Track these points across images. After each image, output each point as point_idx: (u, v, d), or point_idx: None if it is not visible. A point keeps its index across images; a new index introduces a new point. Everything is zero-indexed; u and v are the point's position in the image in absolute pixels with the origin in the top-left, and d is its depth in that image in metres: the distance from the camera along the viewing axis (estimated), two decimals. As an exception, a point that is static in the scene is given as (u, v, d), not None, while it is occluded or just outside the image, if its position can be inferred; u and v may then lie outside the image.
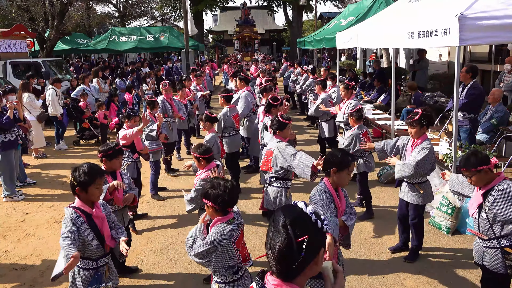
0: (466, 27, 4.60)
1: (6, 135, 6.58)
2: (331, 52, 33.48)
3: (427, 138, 4.31)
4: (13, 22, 17.07)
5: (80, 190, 2.99)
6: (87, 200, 3.05)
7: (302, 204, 1.52)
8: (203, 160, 4.04)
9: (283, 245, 1.41)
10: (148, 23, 41.46)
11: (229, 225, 2.78)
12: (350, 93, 6.96)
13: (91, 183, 2.99)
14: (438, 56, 12.78)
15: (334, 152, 3.26)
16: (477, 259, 3.41)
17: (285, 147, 4.20)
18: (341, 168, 3.15)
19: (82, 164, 3.10)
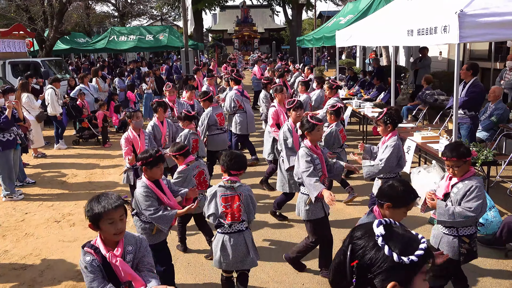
0: (466, 24, 4.59)
1: (4, 134, 6.57)
2: (331, 50, 33.49)
3: (395, 136, 4.36)
4: (12, 21, 17.06)
5: (93, 226, 2.43)
6: (106, 238, 2.47)
7: (377, 222, 1.26)
8: (179, 156, 4.40)
9: (335, 265, 1.26)
10: (148, 22, 41.47)
11: (225, 183, 3.52)
12: (334, 93, 7.18)
13: (100, 216, 2.38)
14: (438, 53, 12.75)
15: (394, 184, 2.73)
16: (434, 243, 3.50)
17: (300, 157, 4.04)
18: (398, 206, 2.69)
19: (101, 193, 2.52)
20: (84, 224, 5.72)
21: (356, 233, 1.26)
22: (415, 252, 1.18)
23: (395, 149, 4.27)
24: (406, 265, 1.16)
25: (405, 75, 13.91)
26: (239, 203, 3.46)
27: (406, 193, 2.69)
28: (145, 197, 3.54)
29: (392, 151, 4.25)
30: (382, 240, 1.19)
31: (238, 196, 3.47)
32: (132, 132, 5.43)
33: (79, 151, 9.86)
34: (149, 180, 3.61)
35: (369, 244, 1.20)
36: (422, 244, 1.21)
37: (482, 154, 5.30)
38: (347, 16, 12.94)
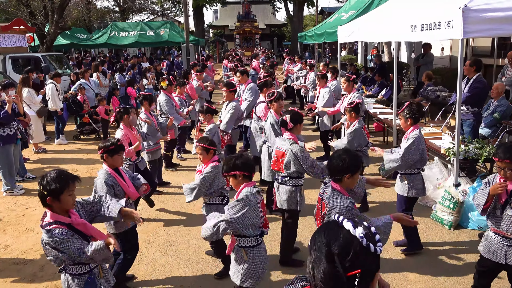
0: (470, 19, 4.54)
1: (5, 129, 6.55)
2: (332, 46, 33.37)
3: (416, 129, 4.32)
4: (13, 16, 17.01)
5: (52, 199, 2.70)
6: (61, 210, 2.77)
7: (350, 224, 1.25)
8: (212, 151, 4.07)
9: (330, 279, 1.20)
10: (149, 18, 41.37)
11: (255, 188, 3.16)
12: (351, 86, 6.89)
13: (63, 190, 2.69)
14: (440, 49, 12.69)
15: (341, 157, 2.92)
16: (499, 259, 3.19)
17: (301, 153, 4.08)
18: (355, 171, 2.93)
19: (49, 171, 2.80)
20: (85, 219, 5.70)
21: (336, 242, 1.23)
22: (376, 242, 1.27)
23: (415, 141, 4.19)
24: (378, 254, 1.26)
25: (407, 71, 13.86)
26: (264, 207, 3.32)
27: (355, 159, 2.95)
28: (103, 183, 3.71)
29: (413, 142, 4.18)
30: (366, 240, 1.23)
31: (263, 200, 3.32)
32: (126, 128, 5.46)
33: (79, 146, 9.85)
34: (110, 168, 3.84)
35: (357, 248, 1.21)
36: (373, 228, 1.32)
37: (485, 151, 5.27)
38: (349, 12, 12.85)
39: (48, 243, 2.70)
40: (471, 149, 5.37)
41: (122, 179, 3.87)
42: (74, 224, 2.81)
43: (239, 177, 3.13)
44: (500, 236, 3.19)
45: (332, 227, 1.27)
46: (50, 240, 2.67)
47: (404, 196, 4.42)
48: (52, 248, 2.71)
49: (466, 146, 5.41)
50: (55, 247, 2.69)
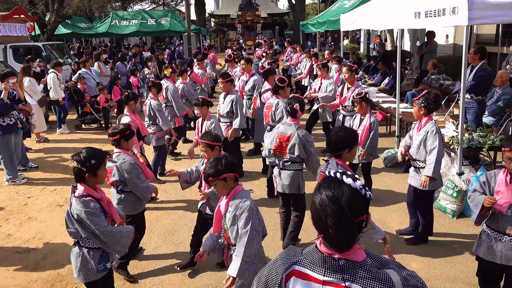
0: (475, 5, 4.46)
1: (4, 119, 6.52)
2: (335, 35, 33.13)
3: (432, 120, 4.20)
4: (13, 5, 16.89)
5: (90, 175, 2.89)
6: (93, 184, 2.97)
7: (350, 180, 1.46)
8: (218, 147, 3.77)
9: (342, 227, 1.42)
10: (150, 7, 41.09)
11: (246, 190, 2.98)
12: (353, 76, 6.69)
13: (100, 165, 2.93)
14: (445, 37, 12.57)
15: (338, 134, 3.23)
16: (505, 261, 3.01)
17: (308, 137, 4.22)
18: (352, 145, 3.22)
19: (82, 149, 2.95)
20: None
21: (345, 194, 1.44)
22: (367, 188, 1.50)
23: (440, 135, 4.07)
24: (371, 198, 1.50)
25: (410, 60, 13.75)
26: None
27: (352, 133, 3.27)
28: (134, 165, 3.91)
29: (439, 137, 4.05)
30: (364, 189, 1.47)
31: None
32: (131, 114, 5.56)
33: (81, 135, 9.84)
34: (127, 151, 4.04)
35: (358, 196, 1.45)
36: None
37: (488, 139, 5.23)
38: (352, 0, 12.72)
39: (78, 214, 2.84)
40: (475, 137, 5.33)
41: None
42: (101, 200, 2.99)
43: (231, 179, 2.88)
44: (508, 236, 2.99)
45: (334, 182, 1.47)
46: (83, 211, 2.83)
47: (426, 190, 4.23)
48: (78, 220, 2.85)
49: (470, 135, 5.37)
50: (82, 219, 2.84)
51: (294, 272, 1.53)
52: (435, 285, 3.83)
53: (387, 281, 1.45)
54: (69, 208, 2.92)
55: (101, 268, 3.04)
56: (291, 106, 4.31)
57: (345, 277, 1.45)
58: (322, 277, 1.48)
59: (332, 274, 1.47)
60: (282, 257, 1.59)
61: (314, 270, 1.50)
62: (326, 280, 1.47)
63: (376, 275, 1.46)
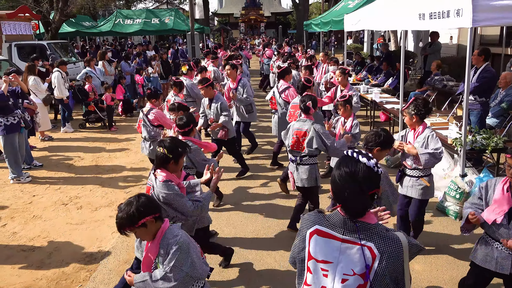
0: (480, 7, 4.47)
1: (8, 118, 6.57)
2: (338, 35, 33.10)
3: (426, 127, 4.07)
4: (18, 4, 16.96)
5: (174, 162, 3.15)
6: (175, 171, 3.22)
7: (365, 159, 1.76)
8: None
9: (359, 199, 1.75)
10: (153, 5, 41.14)
11: (173, 224, 2.54)
12: (346, 79, 6.78)
13: (183, 154, 3.23)
14: (449, 38, 12.53)
15: (378, 132, 3.46)
16: (500, 269, 2.92)
17: (323, 130, 4.48)
18: (384, 148, 3.44)
19: (165, 138, 3.26)
20: (91, 207, 5.76)
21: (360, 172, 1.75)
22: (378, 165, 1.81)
23: (439, 139, 4.01)
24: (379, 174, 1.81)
25: (414, 60, 13.73)
26: None
27: (390, 137, 3.46)
28: (199, 150, 4.33)
29: (439, 141, 3.97)
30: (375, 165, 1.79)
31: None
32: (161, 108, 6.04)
33: (85, 134, 9.88)
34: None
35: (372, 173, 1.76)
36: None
37: (492, 141, 5.24)
38: (356, 0, 12.72)
39: (165, 197, 3.09)
40: (478, 139, 5.34)
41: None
42: (180, 186, 3.22)
43: (151, 222, 2.37)
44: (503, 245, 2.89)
45: (351, 160, 1.78)
46: (170, 193, 3.08)
47: (423, 200, 4.13)
48: (165, 203, 3.11)
49: (473, 137, 5.37)
50: (169, 201, 3.10)
51: (316, 231, 1.85)
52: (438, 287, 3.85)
53: (396, 240, 1.77)
54: (152, 191, 3.21)
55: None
56: (304, 104, 4.59)
57: (361, 236, 1.77)
58: (342, 236, 1.80)
59: (350, 234, 1.79)
60: (306, 218, 1.94)
61: (335, 230, 1.82)
62: (345, 239, 1.79)
63: (387, 235, 1.78)
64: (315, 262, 1.85)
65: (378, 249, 1.75)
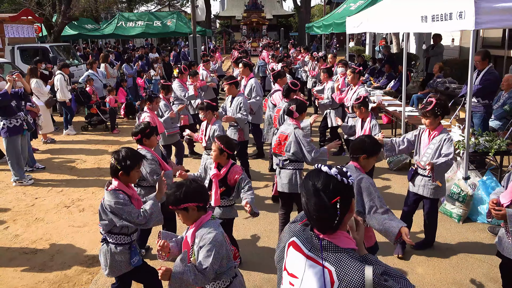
0: (482, 10, 4.47)
1: (11, 120, 6.58)
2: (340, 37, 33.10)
3: (442, 128, 4.12)
4: (21, 7, 17.02)
5: (123, 173, 3.09)
6: (127, 182, 3.17)
7: (326, 168, 1.67)
8: (226, 154, 3.77)
9: (320, 208, 1.63)
10: (155, 8, 41.25)
11: (214, 220, 2.59)
12: (357, 78, 6.77)
13: (134, 166, 3.12)
14: (451, 40, 12.53)
15: (363, 139, 3.32)
16: (507, 253, 3.20)
17: (303, 137, 4.29)
18: (370, 155, 3.26)
19: (121, 148, 3.17)
20: (94, 209, 5.76)
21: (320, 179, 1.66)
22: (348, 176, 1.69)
23: (453, 142, 4.03)
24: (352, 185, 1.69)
25: (416, 63, 13.72)
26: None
27: (375, 144, 3.30)
28: (150, 159, 4.03)
29: (452, 143, 3.99)
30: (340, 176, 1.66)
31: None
32: (151, 112, 5.86)
33: (88, 137, 9.89)
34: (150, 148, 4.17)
35: (334, 181, 1.65)
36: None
37: (495, 144, 5.22)
38: (358, 2, 12.73)
39: (110, 206, 3.01)
40: (481, 142, 5.32)
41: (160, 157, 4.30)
42: (132, 198, 3.16)
43: (193, 210, 2.52)
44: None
45: (314, 172, 1.71)
46: (113, 201, 3.00)
47: (435, 199, 4.24)
48: (111, 212, 3.02)
49: (476, 139, 5.36)
50: (115, 211, 3.00)
51: (292, 243, 1.81)
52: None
53: (359, 273, 1.60)
54: (102, 201, 3.11)
55: (134, 262, 3.20)
56: (287, 107, 4.48)
57: (324, 256, 1.67)
58: (308, 252, 1.72)
59: (315, 252, 1.71)
60: (288, 228, 1.91)
61: (304, 245, 1.75)
62: (309, 255, 1.72)
63: (351, 264, 1.63)
64: (287, 274, 1.81)
65: (338, 276, 1.62)
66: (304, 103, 4.51)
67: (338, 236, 1.68)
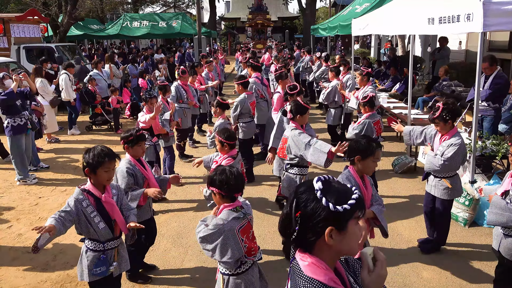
0: (491, 12, 4.42)
1: (15, 119, 6.58)
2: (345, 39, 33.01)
3: (456, 132, 4.08)
4: (27, 7, 17.10)
5: (89, 172, 2.98)
6: (97, 183, 3.04)
7: (315, 179, 1.44)
8: (227, 145, 4.07)
9: (283, 217, 1.47)
10: (161, 9, 41.33)
11: (234, 212, 2.74)
12: (366, 80, 6.95)
13: (99, 165, 2.96)
14: (458, 43, 12.46)
15: (358, 139, 3.21)
16: (495, 245, 3.33)
17: (298, 134, 4.18)
18: (365, 156, 3.11)
19: (94, 146, 3.07)
20: (97, 209, 5.74)
21: (300, 188, 1.45)
22: (348, 201, 1.37)
23: (460, 148, 3.96)
24: (341, 212, 1.36)
25: (421, 65, 13.65)
26: (252, 229, 2.90)
27: (369, 144, 3.11)
28: (125, 172, 3.72)
29: (457, 150, 3.94)
30: (320, 193, 1.38)
31: (249, 222, 2.85)
32: (148, 112, 5.73)
33: (92, 136, 9.90)
34: (133, 158, 3.86)
35: (310, 197, 1.40)
36: (355, 194, 1.40)
37: (502, 147, 5.16)
38: (364, 5, 12.67)
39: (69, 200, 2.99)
40: (488, 145, 5.27)
41: (144, 168, 3.89)
42: (102, 201, 3.02)
43: (217, 195, 2.78)
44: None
45: (307, 182, 1.48)
46: (72, 197, 2.99)
47: (446, 200, 4.23)
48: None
49: (483, 143, 5.30)
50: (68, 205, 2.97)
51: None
52: (447, 295, 3.78)
53: None
54: None
55: (96, 272, 3.05)
56: (283, 108, 4.54)
57: (290, 275, 1.52)
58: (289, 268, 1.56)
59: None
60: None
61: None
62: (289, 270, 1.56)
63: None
64: None
65: None
66: (301, 104, 4.31)
67: (309, 261, 1.42)
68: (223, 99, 5.95)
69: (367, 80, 6.99)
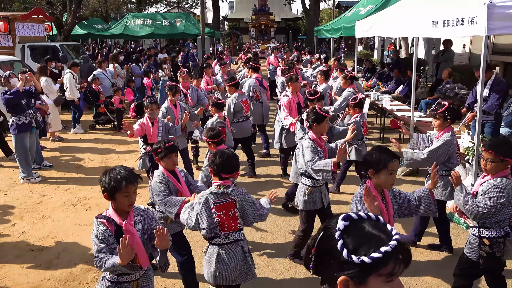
0: (495, 15, 4.42)
1: (20, 117, 6.63)
2: (349, 41, 33.04)
3: (449, 131, 4.17)
4: (32, 5, 17.19)
5: (108, 197, 2.63)
6: (118, 208, 2.68)
7: (344, 215, 1.21)
8: (212, 143, 4.31)
9: (307, 246, 1.30)
10: (165, 9, 41.43)
11: (215, 188, 3.06)
12: (348, 84, 7.10)
13: (116, 190, 2.58)
14: (462, 46, 12.45)
15: (370, 152, 2.93)
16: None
17: (305, 148, 4.04)
18: (378, 169, 2.83)
19: (112, 168, 2.69)
20: (100, 208, 5.76)
21: (332, 221, 1.23)
22: (371, 253, 1.10)
23: (445, 144, 4.08)
24: (357, 264, 1.11)
25: (425, 68, 13.64)
26: (235, 210, 3.05)
27: (382, 155, 2.82)
28: (158, 183, 3.59)
29: (441, 145, 4.08)
30: (340, 234, 1.16)
31: (232, 202, 3.03)
32: (147, 120, 5.53)
33: (95, 136, 9.94)
34: (165, 170, 3.67)
35: (333, 235, 1.18)
36: (385, 247, 1.11)
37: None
38: (368, 7, 12.69)
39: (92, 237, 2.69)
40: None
41: (178, 180, 3.70)
42: (123, 229, 2.63)
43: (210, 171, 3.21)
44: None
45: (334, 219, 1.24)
46: (94, 231, 2.68)
47: (440, 200, 4.23)
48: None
49: (486, 146, 5.30)
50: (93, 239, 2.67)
51: None
52: (448, 298, 3.79)
53: None
54: None
55: None
56: (300, 117, 4.58)
57: None
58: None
59: None
60: None
61: None
62: None
63: None
64: None
65: None
66: (318, 114, 4.14)
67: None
68: (219, 98, 6.04)
69: (351, 83, 7.14)
